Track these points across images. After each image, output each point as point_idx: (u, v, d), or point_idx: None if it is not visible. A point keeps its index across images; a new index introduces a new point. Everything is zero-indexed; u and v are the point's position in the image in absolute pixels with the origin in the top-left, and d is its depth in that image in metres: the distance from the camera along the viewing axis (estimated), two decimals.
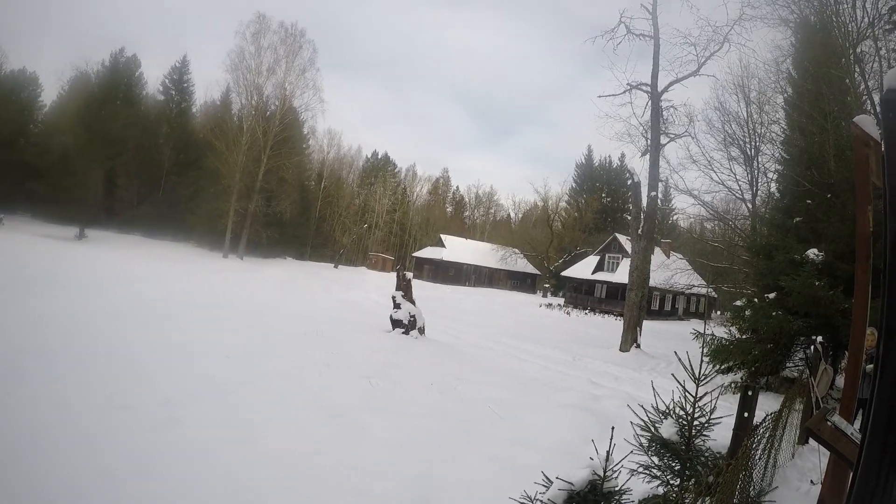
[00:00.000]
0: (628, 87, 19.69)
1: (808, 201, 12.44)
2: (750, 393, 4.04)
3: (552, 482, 2.26)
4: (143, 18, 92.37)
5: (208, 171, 44.24)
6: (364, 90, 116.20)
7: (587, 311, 40.43)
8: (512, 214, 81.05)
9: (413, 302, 14.88)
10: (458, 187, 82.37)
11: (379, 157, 71.44)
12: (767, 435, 4.66)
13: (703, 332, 11.34)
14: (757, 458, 4.29)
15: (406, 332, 14.28)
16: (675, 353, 3.40)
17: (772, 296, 11.96)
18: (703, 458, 3.23)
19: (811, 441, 6.53)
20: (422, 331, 14.69)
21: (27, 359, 7.17)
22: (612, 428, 2.27)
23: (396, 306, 14.70)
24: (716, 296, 36.95)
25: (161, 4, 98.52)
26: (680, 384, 2.99)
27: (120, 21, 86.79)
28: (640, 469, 3.12)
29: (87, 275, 18.96)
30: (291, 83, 46.05)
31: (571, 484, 2.21)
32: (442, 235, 57.06)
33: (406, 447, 5.67)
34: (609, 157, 64.53)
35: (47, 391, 6.03)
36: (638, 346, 18.76)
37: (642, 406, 3.06)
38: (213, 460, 4.68)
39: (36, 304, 11.46)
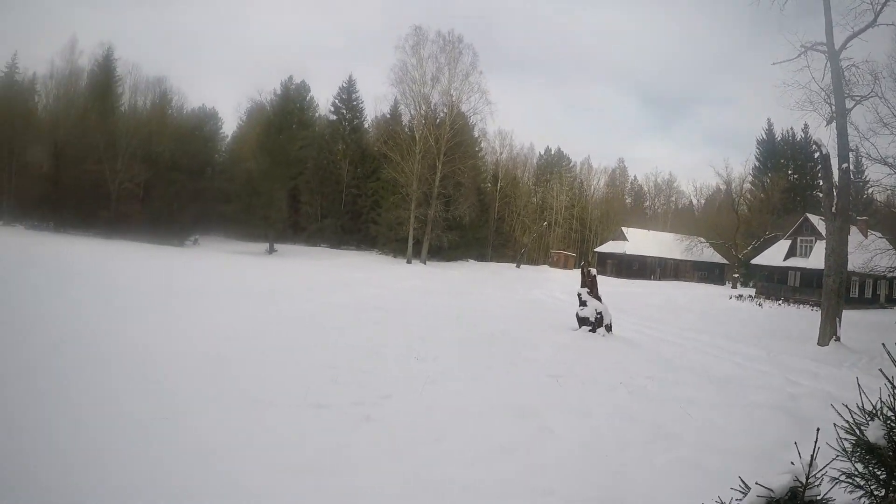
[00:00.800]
0: (802, 50, 19.43)
1: None
2: None
3: (749, 488, 2.20)
4: (307, 47, 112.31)
5: (386, 181, 49.46)
6: (530, 87, 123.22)
7: (780, 302, 39.40)
8: (694, 201, 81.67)
9: (599, 298, 15.32)
10: (635, 177, 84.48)
11: (552, 152, 75.20)
12: None
13: None
14: None
15: (592, 330, 14.71)
16: (884, 345, 2.99)
17: None
18: None
19: None
20: (609, 328, 14.99)
21: (229, 355, 8.64)
22: (818, 430, 2.23)
23: (582, 304, 15.19)
24: None
25: (320, 32, 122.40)
26: (889, 381, 2.62)
27: (287, 52, 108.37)
28: (842, 477, 2.68)
29: (281, 285, 21.33)
30: (457, 89, 50.33)
31: (771, 491, 2.16)
32: (623, 228, 58.25)
33: (593, 448, 5.88)
34: (791, 129, 63.50)
35: (253, 388, 6.96)
36: (838, 339, 18.00)
37: (846, 406, 2.72)
38: (406, 458, 5.11)
39: (236, 313, 13.19)
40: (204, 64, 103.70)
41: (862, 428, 2.52)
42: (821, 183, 24.81)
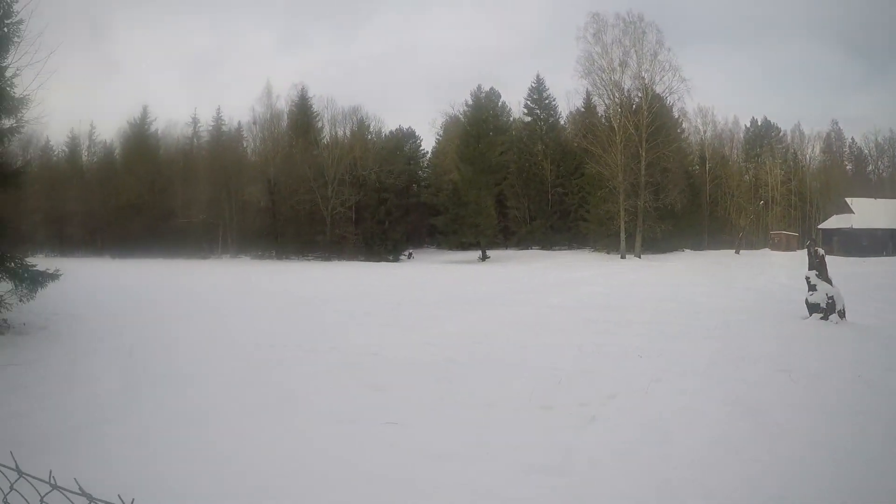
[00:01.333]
0: None
1: None
2: None
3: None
4: (488, 55, 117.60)
5: (590, 176, 49.90)
6: (722, 56, 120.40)
7: None
8: None
9: (829, 281, 14.66)
10: (852, 139, 78.98)
11: (759, 124, 72.51)
12: None
13: None
14: None
15: (824, 317, 14.12)
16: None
17: None
18: None
19: None
20: (842, 314, 14.20)
21: (455, 359, 9.41)
22: None
23: (811, 288, 14.67)
24: None
25: (498, 37, 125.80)
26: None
27: (471, 63, 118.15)
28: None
29: (497, 290, 22.63)
30: (647, 70, 50.15)
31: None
32: (847, 199, 54.44)
33: (832, 449, 5.56)
34: None
35: (479, 391, 7.41)
36: None
37: None
38: (633, 459, 5.19)
39: (459, 319, 14.31)
40: (394, 88, 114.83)
41: None
42: None
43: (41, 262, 15.32)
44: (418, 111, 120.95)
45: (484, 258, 48.19)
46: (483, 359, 9.56)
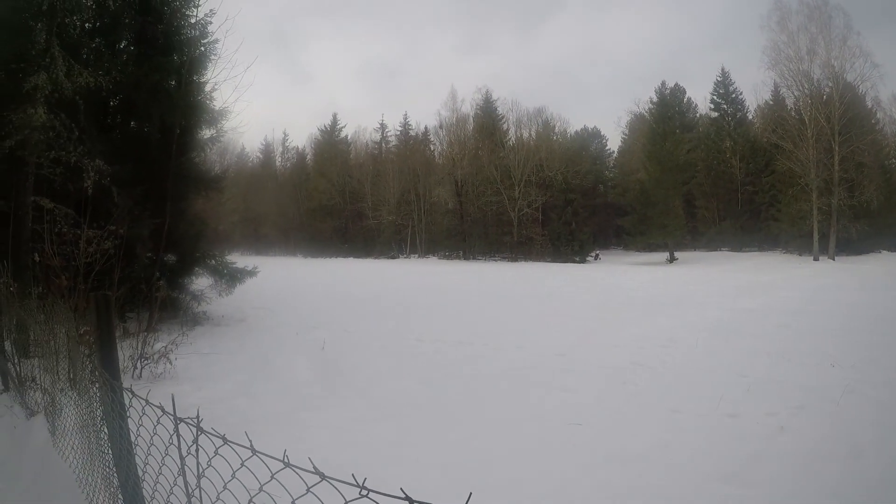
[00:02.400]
0: None
1: None
2: None
3: None
4: (671, 49, 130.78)
5: (781, 173, 52.58)
6: None
7: None
8: None
9: None
10: None
11: None
12: None
13: None
14: None
15: None
16: None
17: None
18: None
19: None
20: None
21: (641, 362, 10.21)
22: None
23: None
24: None
25: (682, 31, 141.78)
26: None
27: (654, 58, 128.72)
28: None
29: (687, 292, 24.05)
30: (837, 58, 52.28)
31: None
32: None
33: None
34: None
35: (666, 396, 8.07)
36: None
37: None
38: (821, 473, 5.54)
39: (648, 323, 15.21)
40: (577, 87, 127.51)
41: None
42: None
43: (238, 259, 18.25)
44: (603, 110, 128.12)
45: (672, 260, 51.83)
46: (671, 363, 10.19)
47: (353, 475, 1.51)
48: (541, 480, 5.31)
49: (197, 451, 2.21)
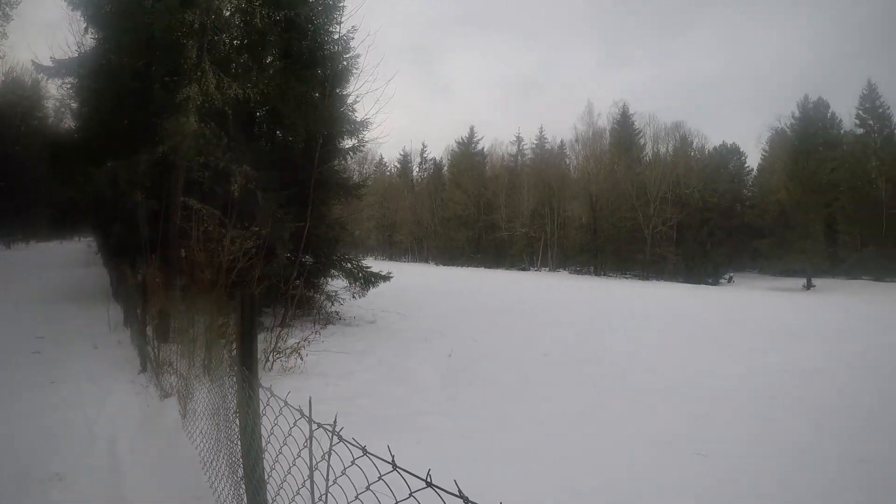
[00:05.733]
0: None
1: None
2: None
3: None
4: (814, 61, 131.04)
5: None
6: None
7: None
8: None
9: None
10: None
11: None
12: None
13: None
14: None
15: None
16: None
17: None
18: None
19: None
20: None
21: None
22: None
23: None
24: None
25: (826, 42, 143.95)
26: None
27: (795, 70, 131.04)
28: None
29: (821, 323, 23.50)
30: None
31: None
32: None
33: None
34: None
35: (791, 432, 8.37)
36: None
37: None
38: None
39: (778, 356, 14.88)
40: (715, 102, 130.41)
41: None
42: None
43: (373, 264, 19.24)
44: (742, 125, 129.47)
45: (809, 286, 52.26)
46: (806, 398, 10.32)
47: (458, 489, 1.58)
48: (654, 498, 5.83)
49: (329, 457, 2.30)
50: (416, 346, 13.74)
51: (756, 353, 15.17)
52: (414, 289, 29.75)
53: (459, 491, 1.56)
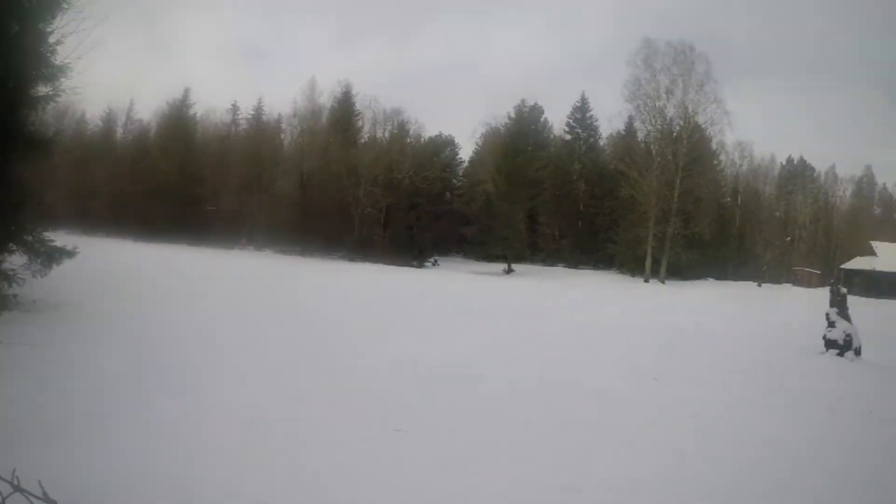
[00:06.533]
0: None
1: None
2: None
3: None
4: (538, 71, 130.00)
5: (623, 199, 57.92)
6: (767, 92, 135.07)
7: None
8: None
9: (849, 319, 17.19)
10: (884, 185, 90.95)
11: (794, 162, 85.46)
12: None
13: None
14: None
15: (840, 354, 16.54)
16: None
17: None
18: None
19: None
20: (858, 352, 16.59)
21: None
22: None
23: (830, 325, 17.07)
24: None
25: (550, 55, 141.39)
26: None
27: (519, 77, 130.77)
28: None
29: (524, 304, 26.76)
30: (692, 101, 59.02)
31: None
32: (872, 242, 65.00)
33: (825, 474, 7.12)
34: None
35: (488, 402, 9.03)
36: None
37: None
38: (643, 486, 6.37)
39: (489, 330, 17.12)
40: (438, 94, 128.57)
41: None
42: None
43: (60, 238, 16.66)
44: (460, 120, 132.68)
45: (509, 271, 56.22)
46: (501, 374, 11.50)
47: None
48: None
49: None
50: (103, 334, 12.83)
51: (460, 332, 16.53)
52: (106, 268, 26.45)
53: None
